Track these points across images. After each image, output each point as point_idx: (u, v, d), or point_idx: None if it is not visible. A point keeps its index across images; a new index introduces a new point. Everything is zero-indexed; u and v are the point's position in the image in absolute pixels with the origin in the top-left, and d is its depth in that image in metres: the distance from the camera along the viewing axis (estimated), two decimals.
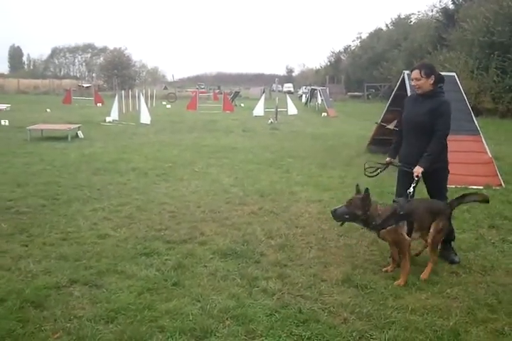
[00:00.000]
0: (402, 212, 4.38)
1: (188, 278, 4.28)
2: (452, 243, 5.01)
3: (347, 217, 4.40)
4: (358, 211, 4.34)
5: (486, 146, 9.27)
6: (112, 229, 5.65)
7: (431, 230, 4.48)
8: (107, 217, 6.11)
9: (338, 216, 4.42)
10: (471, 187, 8.13)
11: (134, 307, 3.70)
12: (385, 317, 3.65)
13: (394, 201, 4.65)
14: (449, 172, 4.98)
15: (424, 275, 4.41)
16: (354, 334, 3.40)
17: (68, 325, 3.46)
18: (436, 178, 4.92)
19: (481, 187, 8.16)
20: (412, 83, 4.86)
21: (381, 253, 5.01)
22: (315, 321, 3.56)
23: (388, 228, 4.36)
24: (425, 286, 4.23)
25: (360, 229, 5.71)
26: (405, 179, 4.83)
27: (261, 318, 3.59)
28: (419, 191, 5.23)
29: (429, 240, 4.53)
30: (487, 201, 4.85)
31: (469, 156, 8.69)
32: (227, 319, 3.57)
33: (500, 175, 8.71)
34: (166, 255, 4.84)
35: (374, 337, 3.38)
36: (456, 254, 4.92)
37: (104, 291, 4.00)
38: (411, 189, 4.65)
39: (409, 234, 4.42)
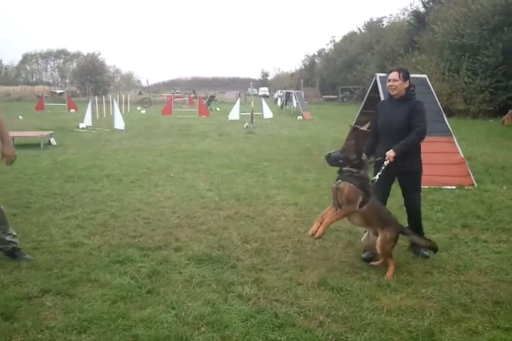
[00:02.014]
0: (368, 188, 4.57)
1: (162, 285, 4.23)
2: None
3: (340, 161, 4.58)
4: (352, 156, 4.52)
5: (458, 147, 9.41)
6: (85, 237, 5.56)
7: (379, 238, 4.57)
8: (80, 224, 6.01)
9: (333, 160, 4.62)
10: (444, 187, 8.25)
11: (108, 317, 3.63)
12: (361, 319, 3.65)
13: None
14: (422, 172, 5.14)
15: (389, 276, 4.49)
16: (330, 337, 3.40)
17: (40, 336, 3.38)
18: (412, 179, 5.10)
19: (453, 187, 8.28)
20: (389, 83, 5.05)
21: (356, 255, 5.02)
22: (291, 325, 3.55)
23: (351, 185, 4.49)
24: (400, 287, 4.25)
25: (335, 230, 5.75)
26: (380, 185, 4.94)
27: (236, 324, 3.56)
28: (394, 193, 5.30)
29: (378, 250, 4.59)
30: (434, 249, 4.92)
31: (442, 157, 8.80)
32: (202, 325, 3.53)
33: (473, 175, 8.84)
34: (140, 262, 4.78)
35: (350, 339, 3.38)
36: (426, 249, 5.00)
37: (77, 301, 3.92)
38: (376, 176, 4.85)
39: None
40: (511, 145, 14.77)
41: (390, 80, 5.01)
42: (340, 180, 4.59)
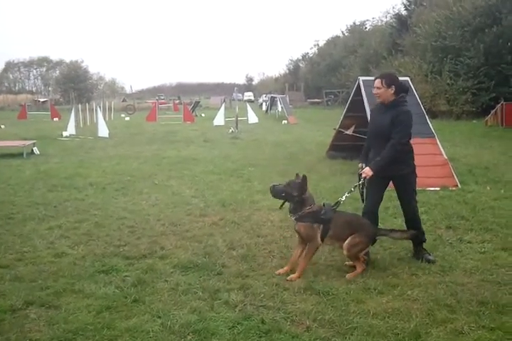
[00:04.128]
0: (322, 216, 4.58)
1: (148, 294, 4.20)
2: (423, 244, 5.14)
3: (283, 195, 4.69)
4: (294, 192, 4.63)
5: (442, 148, 9.48)
6: (69, 247, 5.50)
7: (346, 241, 4.63)
8: (64, 234, 5.95)
9: (276, 192, 4.73)
10: (428, 188, 8.29)
11: (93, 327, 3.60)
12: (347, 323, 3.65)
13: (324, 204, 4.82)
14: (416, 176, 5.13)
15: (349, 276, 4.57)
16: None
17: None
18: (405, 183, 5.07)
19: (437, 189, 8.34)
20: (374, 91, 5.00)
21: (342, 259, 5.01)
22: (278, 331, 3.53)
23: (304, 223, 4.59)
24: (386, 289, 4.25)
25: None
26: (374, 189, 5.02)
27: (223, 331, 3.54)
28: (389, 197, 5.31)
29: (344, 251, 4.66)
30: (414, 237, 5.01)
31: (426, 159, 8.83)
32: (188, 334, 3.51)
33: (456, 176, 8.90)
34: (125, 271, 4.74)
35: None
36: (429, 254, 5.03)
37: (62, 312, 3.88)
38: (343, 197, 4.90)
39: (321, 238, 4.62)
40: (494, 146, 14.90)
41: (374, 88, 4.96)
42: (294, 222, 4.70)
